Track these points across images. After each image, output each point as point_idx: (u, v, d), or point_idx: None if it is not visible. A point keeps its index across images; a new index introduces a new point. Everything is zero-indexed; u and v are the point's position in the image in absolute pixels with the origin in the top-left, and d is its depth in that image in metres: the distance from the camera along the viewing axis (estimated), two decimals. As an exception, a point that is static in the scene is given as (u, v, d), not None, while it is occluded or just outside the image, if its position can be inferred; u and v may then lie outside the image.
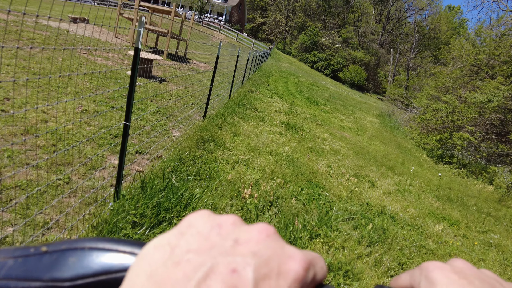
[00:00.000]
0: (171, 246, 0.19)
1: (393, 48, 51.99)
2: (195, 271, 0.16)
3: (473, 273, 0.21)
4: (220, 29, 32.63)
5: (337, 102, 14.39)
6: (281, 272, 0.17)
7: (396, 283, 0.25)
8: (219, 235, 0.19)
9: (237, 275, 0.16)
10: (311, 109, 9.97)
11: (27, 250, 0.22)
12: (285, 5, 48.04)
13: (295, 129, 5.94)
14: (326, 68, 41.51)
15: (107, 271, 0.21)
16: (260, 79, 12.66)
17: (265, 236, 0.19)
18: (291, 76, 19.71)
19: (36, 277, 0.20)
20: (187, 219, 0.21)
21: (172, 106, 5.62)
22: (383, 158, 6.92)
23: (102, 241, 0.23)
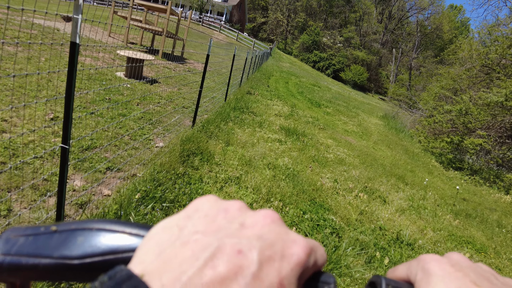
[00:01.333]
0: (179, 227, 0.19)
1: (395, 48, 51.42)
2: (203, 250, 0.17)
3: (469, 265, 0.22)
4: (220, 29, 32.15)
5: (339, 103, 13.85)
6: (284, 255, 0.18)
7: (394, 274, 0.25)
8: (225, 219, 0.20)
9: (243, 256, 0.17)
10: (313, 111, 9.44)
11: (37, 229, 0.23)
12: (286, 5, 47.49)
13: (296, 135, 5.42)
14: (327, 68, 40.94)
15: (115, 251, 0.21)
16: (259, 80, 12.14)
17: (270, 221, 0.20)
18: (292, 76, 19.18)
19: (47, 254, 0.21)
20: (194, 203, 0.22)
21: (161, 110, 5.11)
22: (391, 166, 6.39)
23: (109, 222, 0.23)
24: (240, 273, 0.16)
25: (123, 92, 5.60)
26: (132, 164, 2.93)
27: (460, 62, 12.21)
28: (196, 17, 34.09)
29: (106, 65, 7.58)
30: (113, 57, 8.62)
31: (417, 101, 16.03)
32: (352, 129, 8.85)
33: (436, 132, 11.41)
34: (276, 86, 12.50)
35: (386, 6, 53.77)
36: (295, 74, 21.09)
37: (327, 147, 5.54)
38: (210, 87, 8.36)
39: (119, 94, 5.42)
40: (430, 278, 0.21)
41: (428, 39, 49.58)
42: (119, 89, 5.69)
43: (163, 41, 11.25)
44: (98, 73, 6.59)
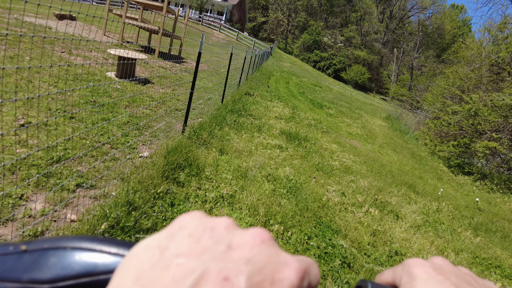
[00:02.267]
0: (160, 248, 0.18)
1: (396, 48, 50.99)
2: (185, 277, 0.16)
3: (451, 269, 0.23)
4: (220, 28, 31.75)
5: (342, 104, 13.43)
6: (274, 280, 0.16)
7: (380, 279, 0.25)
8: (211, 239, 0.18)
9: (229, 283, 0.15)
10: (315, 113, 9.02)
11: (5, 248, 0.21)
12: (286, 4, 47.06)
13: (298, 140, 5.00)
14: (328, 67, 40.51)
15: (91, 273, 0.20)
16: (259, 80, 11.72)
17: (260, 242, 0.18)
18: (293, 76, 18.76)
19: (14, 278, 0.19)
20: (178, 220, 0.20)
21: (150, 113, 4.70)
22: (399, 172, 5.97)
23: (86, 240, 0.21)
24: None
25: (111, 94, 5.19)
26: (108, 178, 2.52)
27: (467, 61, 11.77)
28: (196, 17, 33.66)
29: (96, 65, 7.18)
30: (106, 57, 8.21)
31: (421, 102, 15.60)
32: (356, 132, 8.43)
33: (442, 135, 10.99)
34: (277, 87, 12.09)
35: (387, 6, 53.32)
36: (295, 74, 20.67)
37: (331, 153, 5.13)
38: (207, 88, 7.95)
39: (106, 95, 5.01)
40: (414, 281, 0.21)
41: (430, 39, 49.16)
42: (107, 90, 5.28)
43: (159, 39, 10.85)
44: (87, 73, 6.19)
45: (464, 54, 13.89)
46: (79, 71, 6.10)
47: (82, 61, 7.25)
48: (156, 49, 11.09)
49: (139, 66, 8.28)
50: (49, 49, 7.42)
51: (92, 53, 8.37)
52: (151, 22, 12.94)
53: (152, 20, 13.23)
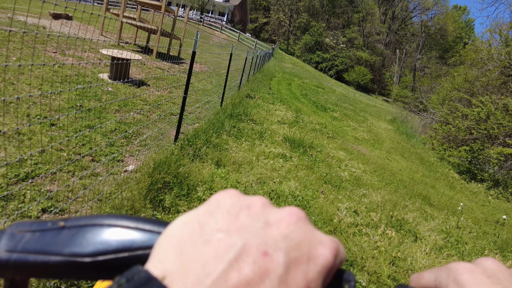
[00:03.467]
0: (200, 224, 0.18)
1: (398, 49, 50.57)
2: (227, 251, 0.16)
3: (506, 275, 0.20)
4: (222, 29, 31.44)
5: (346, 106, 13.03)
6: (311, 257, 0.17)
7: (419, 282, 0.23)
8: (249, 216, 0.19)
9: (269, 258, 0.16)
10: (319, 116, 8.63)
11: (44, 224, 0.22)
12: (288, 5, 46.72)
13: (303, 148, 4.61)
14: (330, 69, 40.12)
15: (129, 248, 0.20)
16: (261, 82, 11.34)
17: (296, 219, 0.19)
18: (295, 77, 18.37)
19: (56, 251, 0.20)
20: (216, 197, 0.21)
21: (142, 118, 4.32)
22: (411, 181, 5.57)
23: (121, 218, 0.22)
24: (266, 276, 0.15)
25: (101, 97, 4.81)
26: (84, 200, 2.14)
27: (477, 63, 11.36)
28: (197, 17, 33.37)
29: (91, 66, 6.81)
30: (101, 57, 7.84)
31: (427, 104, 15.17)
32: (363, 136, 8.03)
33: (450, 139, 10.57)
34: (279, 88, 11.71)
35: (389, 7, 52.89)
36: (298, 75, 20.29)
37: (339, 162, 4.73)
38: (206, 90, 7.57)
39: (96, 99, 4.64)
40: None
41: (432, 40, 48.72)
42: (97, 93, 4.91)
43: (158, 39, 10.49)
44: (78, 74, 5.82)
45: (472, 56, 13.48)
46: (69, 72, 5.74)
47: (74, 62, 6.89)
48: (154, 49, 10.73)
49: (135, 67, 7.92)
50: (41, 49, 7.06)
51: (87, 54, 8.02)
52: (150, 21, 12.60)
53: (151, 20, 12.88)
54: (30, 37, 7.60)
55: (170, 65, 10.00)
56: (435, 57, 47.23)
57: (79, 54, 7.65)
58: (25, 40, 7.31)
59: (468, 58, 16.42)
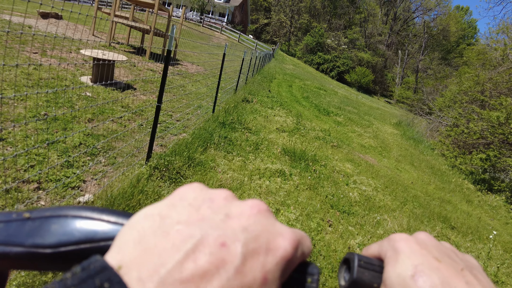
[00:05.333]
0: (161, 216, 0.18)
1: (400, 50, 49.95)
2: (184, 242, 0.16)
3: (433, 244, 0.24)
4: (222, 30, 30.92)
5: (349, 109, 12.42)
6: (270, 248, 0.17)
7: (367, 252, 0.26)
8: (210, 209, 0.19)
9: (226, 249, 0.16)
10: (322, 121, 8.03)
11: (9, 215, 0.22)
12: (289, 6, 46.17)
13: (305, 162, 4.01)
14: (331, 70, 39.52)
15: (90, 240, 0.20)
16: (260, 84, 10.75)
17: (257, 212, 0.19)
18: (296, 79, 17.78)
19: (18, 243, 0.20)
20: (179, 191, 0.21)
21: (118, 128, 3.73)
22: (425, 196, 4.96)
23: (86, 209, 0.22)
24: (223, 267, 0.15)
25: (76, 103, 4.23)
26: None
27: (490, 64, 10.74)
28: (197, 18, 32.86)
29: (73, 68, 6.24)
30: (86, 59, 7.27)
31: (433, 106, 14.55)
32: (369, 143, 7.42)
33: (460, 144, 9.95)
34: (279, 91, 11.12)
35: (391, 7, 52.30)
36: (299, 76, 19.69)
37: (346, 178, 4.12)
38: (199, 93, 6.99)
39: (68, 106, 4.06)
40: (398, 255, 0.22)
41: (435, 41, 48.12)
42: (71, 99, 4.33)
43: (151, 39, 9.92)
44: (56, 77, 5.25)
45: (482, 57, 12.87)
46: (45, 75, 5.17)
47: (54, 63, 6.32)
48: (147, 50, 10.17)
49: (123, 69, 7.35)
50: (19, 49, 6.50)
51: (72, 55, 7.45)
52: (144, 21, 12.04)
53: (145, 20, 12.33)
54: (10, 37, 7.03)
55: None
56: (437, 58, 46.63)
57: (63, 55, 7.09)
58: (3, 40, 6.74)
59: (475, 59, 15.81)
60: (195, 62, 12.72)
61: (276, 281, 0.17)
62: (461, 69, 21.84)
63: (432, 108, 14.93)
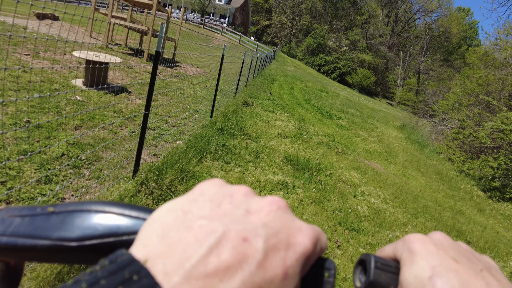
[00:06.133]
0: (183, 211, 0.19)
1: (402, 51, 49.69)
2: (207, 236, 0.17)
3: (450, 244, 0.23)
4: (223, 31, 30.73)
5: (352, 112, 12.14)
6: (290, 244, 0.18)
7: (382, 253, 0.26)
8: (231, 204, 0.20)
9: (248, 244, 0.16)
10: (325, 125, 7.75)
11: (34, 210, 0.22)
12: (290, 7, 46.00)
13: (309, 171, 3.73)
14: (333, 71, 39.26)
15: (115, 233, 0.21)
16: (261, 86, 10.49)
17: (276, 208, 0.20)
18: (297, 81, 17.52)
19: (44, 236, 0.20)
20: (200, 187, 0.21)
21: (108, 136, 3.46)
22: (436, 206, 4.67)
23: (108, 204, 0.22)
24: (245, 261, 0.16)
25: (64, 108, 3.97)
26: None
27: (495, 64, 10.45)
28: (198, 20, 32.68)
29: (64, 70, 5.98)
30: (80, 61, 7.01)
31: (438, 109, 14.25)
32: (375, 148, 7.13)
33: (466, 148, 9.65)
34: (280, 93, 10.85)
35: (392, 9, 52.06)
36: (300, 78, 19.44)
37: (354, 188, 3.84)
38: (197, 97, 6.73)
39: (55, 112, 3.80)
40: (414, 256, 0.22)
41: (436, 42, 47.86)
42: (59, 104, 4.06)
43: (149, 41, 9.68)
44: (47, 80, 4.99)
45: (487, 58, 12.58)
46: (34, 78, 4.91)
47: (47, 65, 6.07)
48: (145, 51, 9.93)
49: (119, 71, 7.10)
50: (10, 51, 6.26)
51: (66, 56, 7.21)
52: (143, 22, 11.81)
53: (144, 21, 12.10)
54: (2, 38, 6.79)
55: (162, 69, 9.18)
56: (439, 59, 46.35)
57: (56, 57, 6.84)
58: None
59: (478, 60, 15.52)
60: (195, 64, 12.48)
61: (296, 276, 0.17)
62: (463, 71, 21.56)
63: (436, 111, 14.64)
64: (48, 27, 10.24)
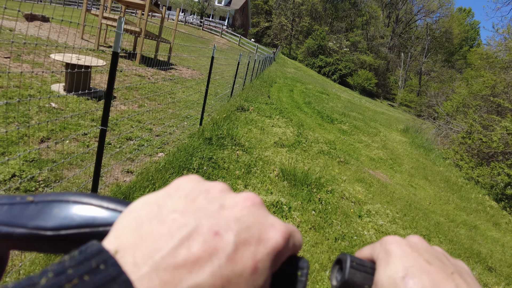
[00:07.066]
0: (158, 205, 0.19)
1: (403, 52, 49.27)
2: (179, 229, 0.17)
3: (425, 247, 0.24)
4: (222, 33, 30.39)
5: (354, 115, 11.69)
6: (261, 239, 0.18)
7: (360, 254, 0.27)
8: (205, 199, 0.20)
9: (219, 237, 0.17)
10: (326, 130, 7.31)
11: (13, 198, 0.23)
12: (290, 9, 45.67)
13: (308, 188, 3.29)
14: (333, 73, 38.84)
15: (90, 224, 0.21)
16: (259, 89, 10.07)
17: (250, 204, 0.20)
18: (297, 83, 17.10)
19: (21, 224, 0.21)
20: (176, 182, 0.22)
21: (77, 149, 3.03)
22: (449, 223, 4.23)
23: (87, 196, 0.23)
24: (215, 254, 0.16)
25: (32, 117, 3.55)
26: None
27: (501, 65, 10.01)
28: (197, 22, 32.35)
29: (45, 74, 5.57)
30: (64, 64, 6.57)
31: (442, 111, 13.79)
32: (379, 156, 6.69)
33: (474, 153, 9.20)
34: (279, 96, 10.42)
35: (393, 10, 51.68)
36: (300, 80, 19.02)
37: (359, 206, 3.39)
38: (188, 101, 6.31)
39: (21, 121, 3.38)
40: (389, 257, 0.23)
41: (438, 43, 47.47)
42: (29, 112, 3.64)
43: (142, 43, 9.29)
44: (21, 85, 4.57)
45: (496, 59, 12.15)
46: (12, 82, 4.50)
47: (26, 68, 5.67)
48: (138, 54, 9.53)
49: (105, 75, 6.68)
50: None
51: (51, 59, 6.80)
52: (137, 24, 11.42)
53: (138, 22, 11.71)
54: (-17, 40, 6.39)
55: (155, 72, 8.77)
56: (440, 60, 45.93)
57: (40, 60, 6.44)
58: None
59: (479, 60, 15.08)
60: (191, 66, 12.08)
61: (266, 270, 0.17)
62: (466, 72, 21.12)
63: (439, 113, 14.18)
64: (37, 28, 9.87)
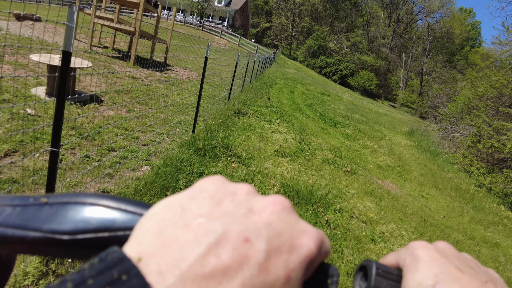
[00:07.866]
0: (182, 208, 0.18)
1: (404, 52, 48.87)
2: (206, 235, 0.16)
3: (454, 254, 0.23)
4: (222, 34, 29.99)
5: (358, 118, 11.28)
6: (293, 246, 0.17)
7: (384, 261, 0.25)
8: (232, 202, 0.18)
9: (249, 245, 0.16)
10: (330, 135, 6.90)
11: (26, 200, 0.21)
12: (290, 9, 45.30)
13: (313, 206, 2.88)
14: (334, 73, 38.45)
15: (109, 228, 0.20)
16: (259, 91, 9.66)
17: (280, 208, 0.19)
18: (298, 84, 16.70)
19: (35, 227, 0.19)
20: (200, 183, 0.20)
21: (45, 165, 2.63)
22: (467, 241, 3.82)
23: (104, 198, 0.21)
24: (246, 263, 0.15)
25: (3, 126, 3.15)
26: None
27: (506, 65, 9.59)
28: (197, 22, 31.97)
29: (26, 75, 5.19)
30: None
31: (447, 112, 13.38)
32: (386, 162, 6.28)
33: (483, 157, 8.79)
34: (279, 98, 10.02)
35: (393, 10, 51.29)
36: (301, 81, 18.61)
37: (370, 227, 2.98)
38: (183, 104, 5.90)
39: (-12, 130, 2.97)
40: (417, 263, 0.21)
41: (439, 43, 47.10)
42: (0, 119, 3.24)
43: (136, 43, 8.88)
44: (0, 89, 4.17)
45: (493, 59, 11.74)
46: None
47: (8, 70, 5.27)
48: (132, 54, 9.14)
49: (95, 76, 6.29)
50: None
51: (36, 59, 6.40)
52: (132, 24, 11.03)
53: (133, 22, 11.33)
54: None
55: (150, 73, 8.36)
56: (442, 60, 45.58)
57: (24, 61, 6.04)
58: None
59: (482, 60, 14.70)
60: (189, 67, 11.69)
61: (299, 280, 0.16)
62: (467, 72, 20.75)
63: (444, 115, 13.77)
64: (27, 28, 9.49)
